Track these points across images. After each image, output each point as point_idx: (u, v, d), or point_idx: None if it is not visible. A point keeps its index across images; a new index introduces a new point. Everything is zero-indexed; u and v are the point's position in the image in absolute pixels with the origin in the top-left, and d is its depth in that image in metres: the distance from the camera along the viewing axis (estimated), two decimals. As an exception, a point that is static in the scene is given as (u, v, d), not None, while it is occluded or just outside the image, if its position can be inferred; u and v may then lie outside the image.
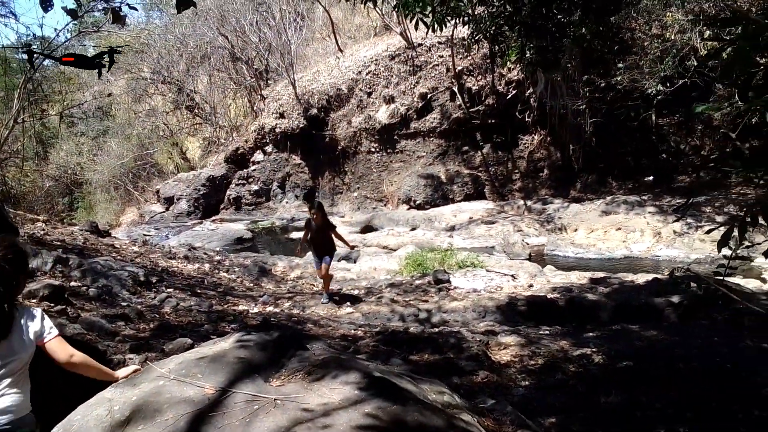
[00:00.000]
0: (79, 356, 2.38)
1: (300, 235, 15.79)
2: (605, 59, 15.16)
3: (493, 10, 5.54)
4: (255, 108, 21.13)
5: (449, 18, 5.42)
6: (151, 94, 25.02)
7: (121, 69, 23.08)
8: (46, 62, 16.27)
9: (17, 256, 2.49)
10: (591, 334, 4.76)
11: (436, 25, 5.26)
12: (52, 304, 4.13)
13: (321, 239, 7.82)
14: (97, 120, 25.98)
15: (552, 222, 13.58)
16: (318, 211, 7.79)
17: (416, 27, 5.29)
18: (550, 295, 6.45)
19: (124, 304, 4.99)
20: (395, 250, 12.36)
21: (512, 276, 7.69)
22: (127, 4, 3.53)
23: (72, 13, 3.39)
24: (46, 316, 2.48)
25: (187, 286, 6.79)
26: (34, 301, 4.09)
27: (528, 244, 12.54)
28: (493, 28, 5.71)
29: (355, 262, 12.92)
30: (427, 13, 5.07)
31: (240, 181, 19.88)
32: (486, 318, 6.04)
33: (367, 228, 15.30)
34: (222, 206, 19.97)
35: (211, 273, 8.53)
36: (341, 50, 20.40)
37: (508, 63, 6.41)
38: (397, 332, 4.48)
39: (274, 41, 19.84)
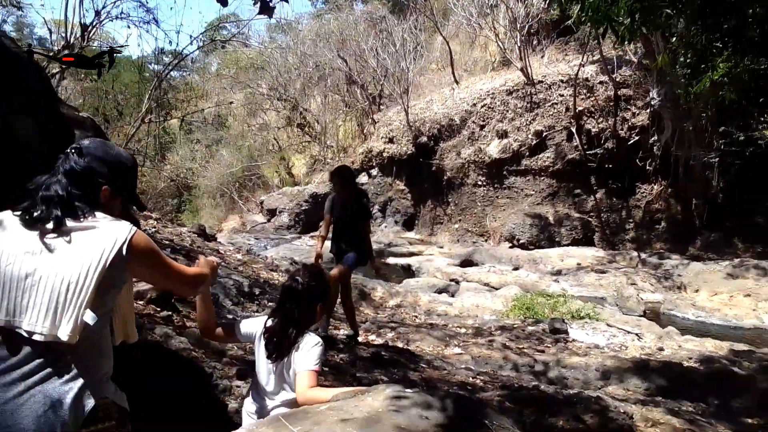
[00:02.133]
0: (309, 397, 2.24)
1: (397, 259, 15.62)
2: (745, 111, 14.00)
3: (708, 21, 4.93)
4: (365, 131, 21.24)
5: (645, 28, 4.83)
6: (266, 109, 25.79)
7: (242, 83, 23.99)
8: (167, 73, 16.97)
9: (319, 285, 2.55)
10: (751, 420, 4.04)
11: (627, 35, 4.69)
12: (159, 309, 3.93)
13: (349, 227, 5.68)
14: (213, 129, 27.12)
15: (670, 279, 12.52)
16: (343, 181, 5.54)
17: (603, 37, 4.80)
18: (685, 363, 5.71)
19: (230, 317, 4.76)
20: (497, 289, 11.78)
21: (637, 335, 6.95)
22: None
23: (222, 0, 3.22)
24: (319, 350, 2.42)
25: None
26: (140, 303, 3.90)
27: (642, 299, 11.58)
28: (702, 42, 5.08)
29: (453, 296, 12.41)
30: (621, 21, 4.54)
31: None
32: (611, 380, 5.39)
33: (467, 262, 14.76)
34: (321, 224, 20.01)
35: (312, 291, 8.29)
36: (457, 81, 20.15)
37: (706, 83, 5.71)
38: (525, 387, 3.96)
39: (392, 67, 19.89)
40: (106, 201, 1.92)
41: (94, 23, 10.41)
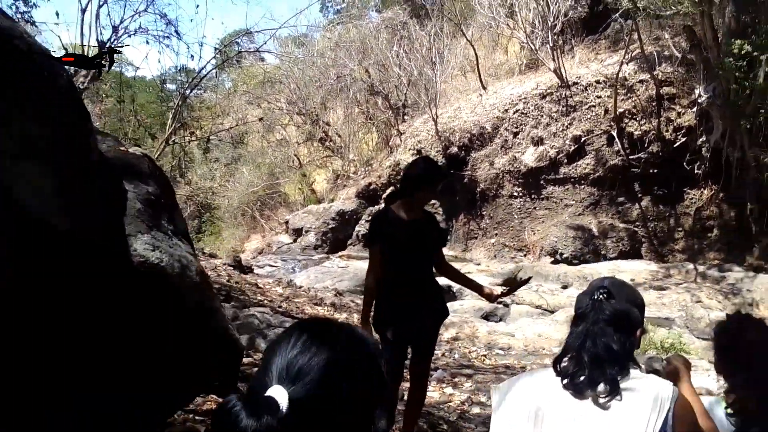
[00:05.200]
0: None
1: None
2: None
3: None
4: (390, 143, 20.40)
5: None
6: (285, 124, 25.05)
7: (260, 98, 23.29)
8: (191, 91, 16.27)
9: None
10: None
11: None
12: (222, 399, 3.03)
13: (420, 261, 3.74)
14: (231, 147, 26.44)
15: (739, 295, 11.54)
16: (432, 179, 3.79)
17: None
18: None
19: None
20: (552, 312, 10.90)
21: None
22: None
23: None
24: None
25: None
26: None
27: (712, 320, 10.57)
28: None
29: (500, 320, 11.54)
30: None
31: (370, 218, 19.05)
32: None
33: (510, 281, 13.80)
34: (349, 242, 19.20)
35: (361, 329, 7.45)
36: (484, 87, 19.29)
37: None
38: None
39: (416, 75, 19.09)
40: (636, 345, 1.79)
41: (112, 40, 9.67)
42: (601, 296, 1.75)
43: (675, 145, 15.32)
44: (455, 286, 13.71)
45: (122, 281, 1.83)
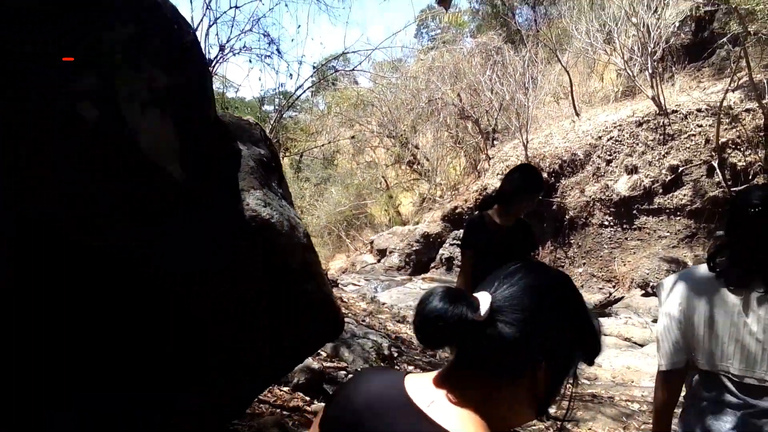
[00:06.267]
0: None
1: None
2: None
3: None
4: (478, 168, 20.34)
5: None
6: (375, 147, 25.49)
7: (353, 120, 23.87)
8: (287, 110, 16.93)
9: None
10: None
11: None
12: (308, 399, 3.11)
13: None
14: (322, 167, 27.19)
15: None
16: (533, 187, 3.83)
17: None
18: None
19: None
20: (642, 346, 10.46)
21: None
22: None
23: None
24: None
25: (429, 365, 5.70)
26: (285, 389, 3.13)
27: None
28: None
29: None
30: None
31: (454, 241, 18.95)
32: None
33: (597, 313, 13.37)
34: (432, 265, 19.19)
35: (443, 347, 7.43)
36: (578, 113, 18.94)
37: None
38: None
39: (508, 100, 19.02)
40: None
41: (218, 58, 10.24)
42: (756, 209, 1.88)
43: (783, 178, 14.45)
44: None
45: (235, 232, 1.90)
